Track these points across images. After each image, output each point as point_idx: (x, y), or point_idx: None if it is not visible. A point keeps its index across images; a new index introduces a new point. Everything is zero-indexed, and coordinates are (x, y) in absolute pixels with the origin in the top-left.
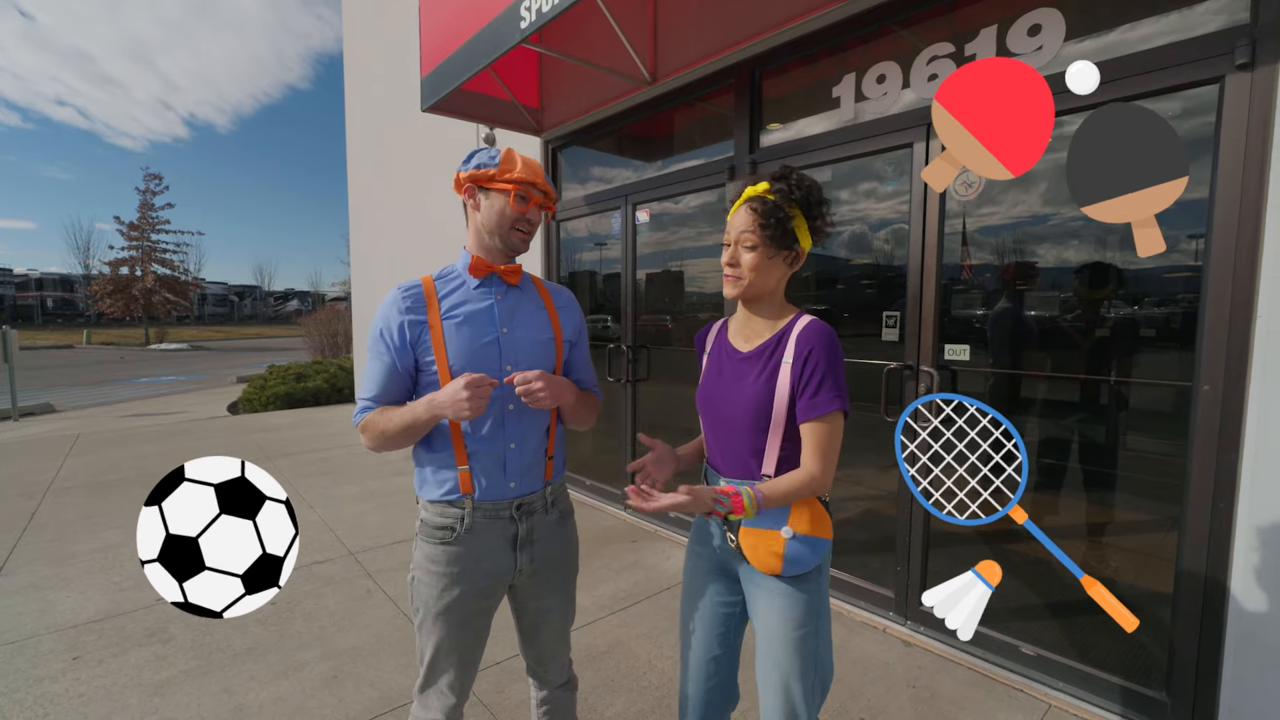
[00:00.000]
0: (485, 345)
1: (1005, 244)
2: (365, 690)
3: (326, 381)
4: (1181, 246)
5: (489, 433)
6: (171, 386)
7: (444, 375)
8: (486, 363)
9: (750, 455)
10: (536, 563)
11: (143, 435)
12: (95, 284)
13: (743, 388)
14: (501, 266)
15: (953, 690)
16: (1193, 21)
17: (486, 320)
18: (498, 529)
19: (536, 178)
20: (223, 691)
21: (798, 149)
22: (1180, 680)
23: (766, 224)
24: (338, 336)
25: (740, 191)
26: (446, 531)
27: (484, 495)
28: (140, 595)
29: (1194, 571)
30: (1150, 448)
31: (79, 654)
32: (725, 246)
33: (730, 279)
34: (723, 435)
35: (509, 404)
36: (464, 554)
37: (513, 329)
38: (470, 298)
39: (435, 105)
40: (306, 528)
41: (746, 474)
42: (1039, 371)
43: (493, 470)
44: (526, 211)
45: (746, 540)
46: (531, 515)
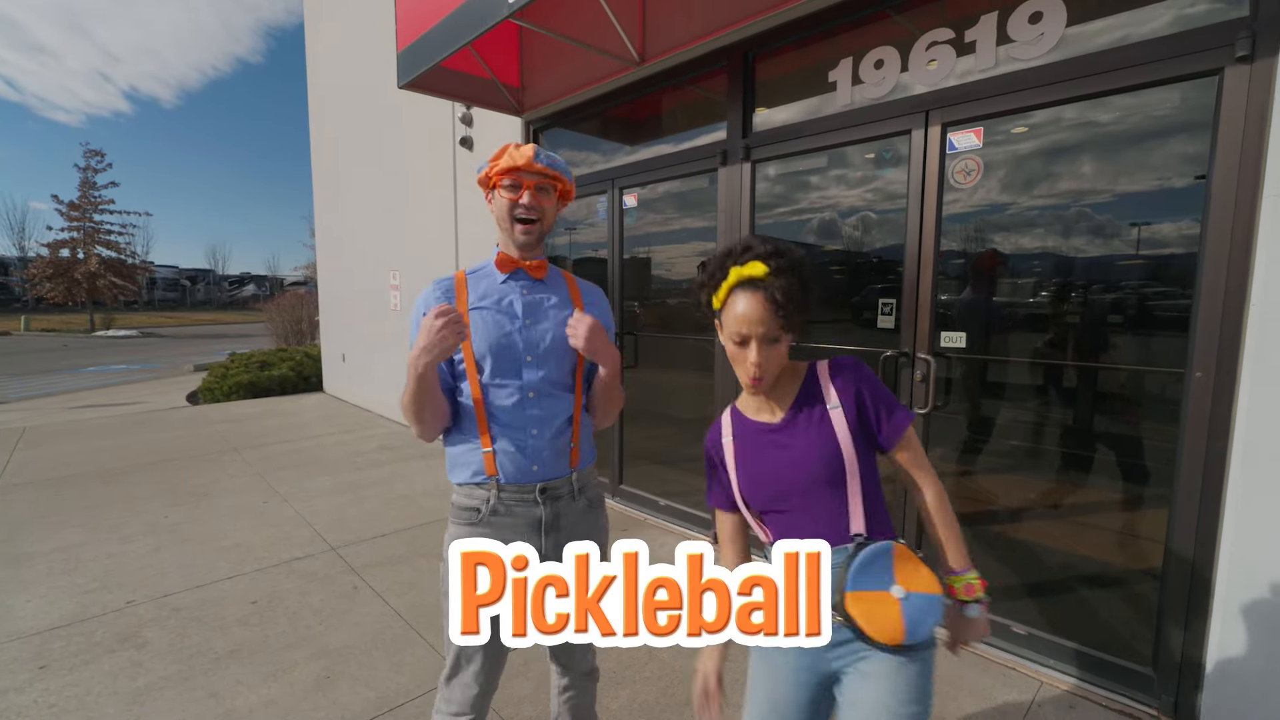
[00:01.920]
0: (506, 335)
1: (1011, 231)
2: (361, 691)
3: (292, 369)
4: (1181, 234)
5: (511, 417)
6: (123, 375)
7: (470, 363)
8: (507, 353)
9: (835, 517)
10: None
11: (96, 428)
12: (33, 267)
13: (802, 451)
14: (527, 262)
15: (948, 671)
16: (1193, 13)
17: (509, 312)
18: (522, 512)
19: (522, 161)
20: (208, 697)
21: (792, 134)
22: (1166, 656)
23: (785, 311)
24: (302, 323)
25: (723, 271)
26: (472, 513)
27: (509, 478)
28: (109, 597)
29: (1182, 552)
30: (1141, 432)
31: (46, 662)
32: (739, 344)
33: (757, 382)
34: (793, 511)
35: (529, 391)
36: (490, 533)
37: (535, 322)
38: (496, 291)
39: (412, 82)
40: (283, 522)
41: (837, 539)
42: (1033, 359)
43: (515, 453)
44: (519, 199)
45: (857, 609)
46: (557, 500)
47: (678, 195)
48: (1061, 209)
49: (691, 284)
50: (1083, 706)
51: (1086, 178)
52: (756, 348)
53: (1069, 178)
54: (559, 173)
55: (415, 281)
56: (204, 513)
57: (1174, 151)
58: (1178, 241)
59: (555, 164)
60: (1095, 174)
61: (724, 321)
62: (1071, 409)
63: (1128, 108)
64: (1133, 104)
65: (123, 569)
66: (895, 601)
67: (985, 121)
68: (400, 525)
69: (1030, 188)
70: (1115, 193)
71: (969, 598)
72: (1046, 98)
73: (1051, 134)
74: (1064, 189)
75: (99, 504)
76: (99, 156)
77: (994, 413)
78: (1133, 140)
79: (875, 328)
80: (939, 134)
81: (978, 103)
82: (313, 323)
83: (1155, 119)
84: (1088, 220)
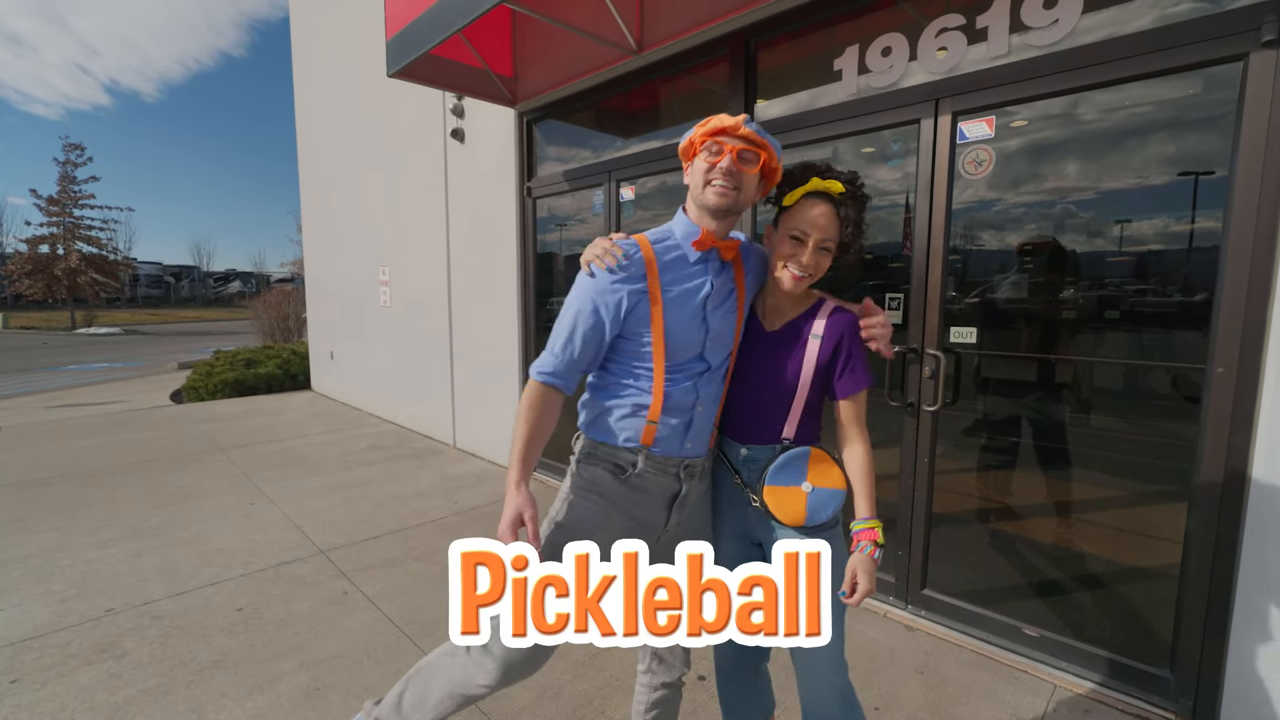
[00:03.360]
0: (695, 326)
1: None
2: (351, 703)
3: (279, 367)
4: (1196, 229)
5: (684, 396)
6: (105, 374)
7: (658, 353)
8: (695, 340)
9: (776, 421)
10: (682, 527)
11: (78, 427)
12: (11, 263)
13: (771, 361)
14: (722, 242)
15: (959, 674)
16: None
17: (699, 301)
18: (664, 483)
19: (730, 124)
20: (191, 712)
21: (796, 124)
22: (1185, 658)
23: (846, 228)
24: (289, 320)
25: (806, 176)
26: (619, 470)
27: (662, 451)
28: (86, 606)
29: (1202, 550)
30: (1159, 429)
31: (17, 676)
32: (798, 240)
33: (799, 279)
34: (749, 404)
35: (704, 374)
36: (627, 493)
37: (717, 307)
38: (689, 273)
39: (402, 71)
40: (269, 525)
41: (769, 438)
42: (1047, 354)
43: (677, 429)
44: (719, 162)
45: (771, 499)
46: (693, 478)
47: (675, 189)
48: (1072, 202)
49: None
50: (1098, 710)
51: (1104, 170)
52: (812, 250)
53: (1084, 170)
54: (767, 141)
55: (405, 277)
56: (188, 515)
57: (1192, 142)
58: (1198, 236)
59: (765, 135)
60: (1112, 167)
61: (787, 219)
62: (1087, 406)
63: (1146, 96)
64: (1148, 93)
65: (101, 575)
66: (803, 494)
67: (997, 110)
68: (392, 527)
69: (1041, 180)
70: (1132, 186)
71: (870, 540)
72: (1061, 85)
73: (1062, 126)
74: (1077, 182)
75: (78, 506)
76: (79, 150)
77: (1005, 409)
78: (1149, 131)
79: None
80: (949, 123)
81: (989, 91)
82: (300, 319)
83: (1176, 106)
84: (1101, 214)
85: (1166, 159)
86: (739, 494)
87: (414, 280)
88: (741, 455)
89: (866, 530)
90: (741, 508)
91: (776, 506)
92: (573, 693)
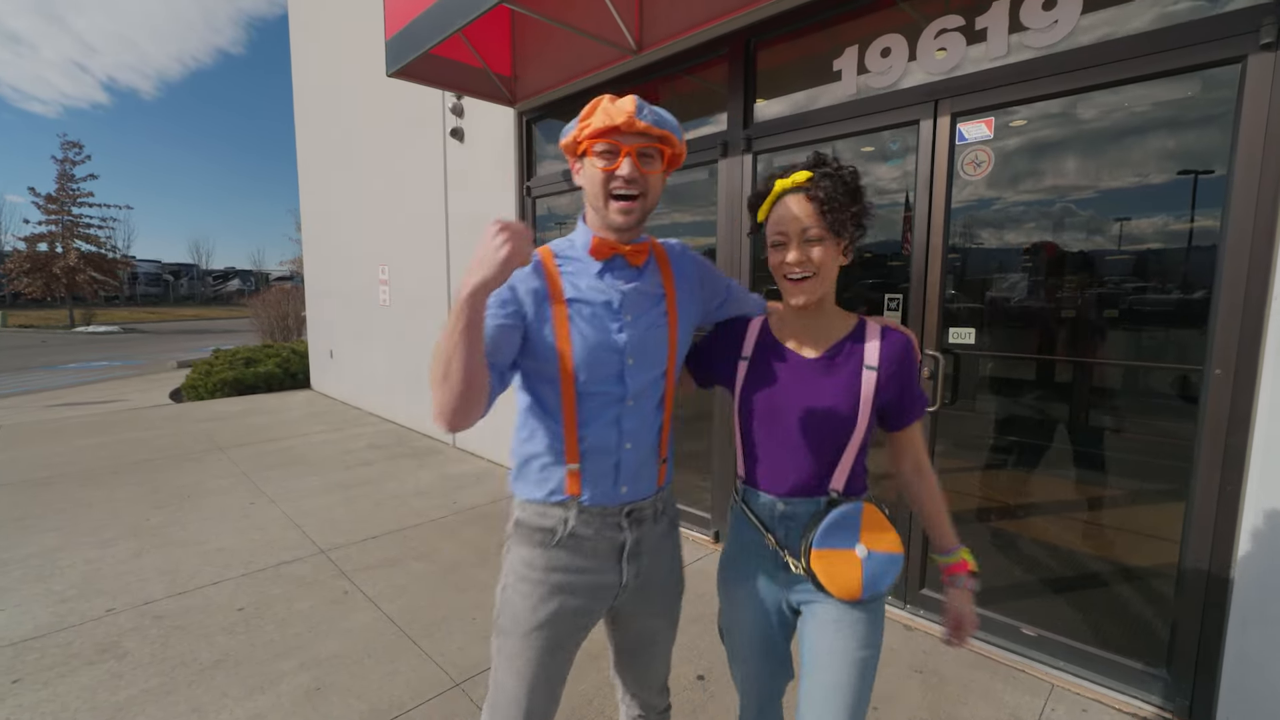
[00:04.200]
0: (607, 343)
1: (1016, 225)
2: (352, 703)
3: (279, 366)
4: (1195, 228)
5: (605, 430)
6: (104, 372)
7: (565, 367)
8: (607, 363)
9: (824, 469)
10: (642, 578)
11: (78, 426)
12: (10, 261)
13: (816, 396)
14: (626, 247)
15: (957, 673)
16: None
17: (609, 314)
18: (605, 537)
19: (621, 120)
20: (191, 711)
21: (795, 124)
22: (1181, 657)
23: (829, 209)
24: (288, 318)
25: (768, 186)
26: (548, 534)
27: (592, 500)
28: (87, 606)
29: (1199, 550)
30: (1156, 428)
31: (19, 676)
32: (778, 246)
33: (800, 282)
34: (780, 449)
35: (629, 399)
36: (567, 561)
37: (636, 317)
38: (593, 286)
39: (401, 70)
40: (269, 524)
41: (812, 490)
42: (1045, 355)
43: (605, 472)
44: (616, 168)
45: (820, 566)
46: (641, 524)
47: (671, 189)
48: (1070, 202)
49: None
50: (1095, 709)
51: (1103, 170)
52: (796, 245)
53: (1082, 169)
54: (668, 132)
55: (404, 277)
56: (188, 515)
57: (1191, 141)
58: (1197, 236)
59: (663, 121)
60: (1111, 166)
61: (767, 233)
62: (1085, 406)
63: (1144, 96)
64: (1146, 93)
65: (102, 575)
66: (858, 561)
67: (996, 112)
68: (392, 526)
69: (1040, 180)
70: (1131, 186)
71: (963, 571)
72: (1060, 86)
73: (1061, 125)
74: (1075, 182)
75: (78, 506)
76: (77, 148)
77: (1004, 409)
78: (1148, 130)
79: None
80: (948, 124)
81: (988, 92)
82: (299, 318)
83: (1175, 105)
84: (1099, 214)
85: (1166, 158)
86: (771, 556)
87: (413, 279)
88: (779, 511)
89: (956, 564)
90: (773, 571)
91: (827, 576)
92: (572, 692)
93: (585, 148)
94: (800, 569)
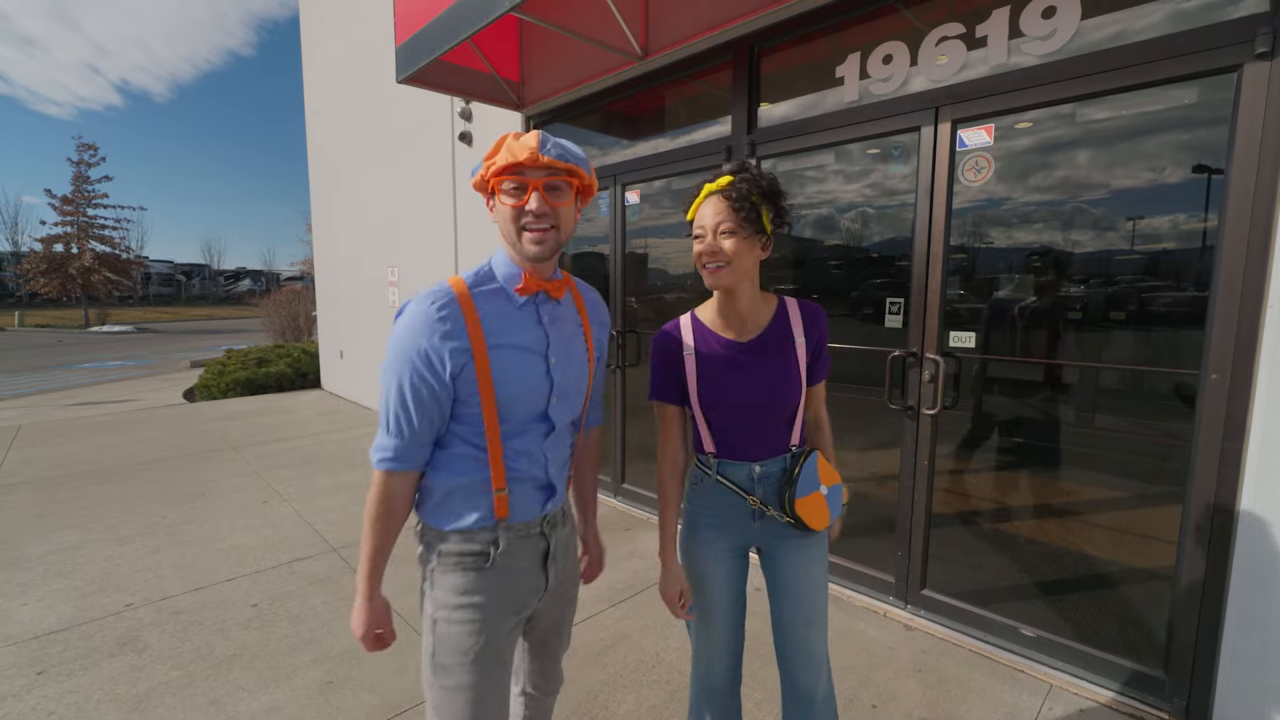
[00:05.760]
0: (536, 380)
1: (1012, 228)
2: (364, 696)
3: (290, 366)
4: (1193, 233)
5: (530, 459)
6: (119, 372)
7: (490, 417)
8: (534, 401)
9: (785, 431)
10: (559, 577)
11: (93, 425)
12: (26, 262)
13: (767, 374)
14: (548, 283)
15: (957, 672)
16: (1211, 9)
17: (537, 349)
18: (529, 547)
19: (524, 156)
20: (210, 704)
21: (798, 130)
22: (1178, 659)
23: (740, 208)
24: (299, 318)
25: (697, 190)
26: (479, 558)
27: (519, 516)
28: (107, 600)
29: (1196, 553)
30: (1153, 432)
31: (44, 668)
32: (698, 239)
33: (715, 270)
34: (747, 423)
35: (551, 431)
36: (499, 580)
37: (561, 357)
38: (516, 321)
39: (411, 77)
40: (282, 522)
41: (780, 450)
42: (1045, 359)
43: (530, 493)
44: (525, 204)
45: (804, 512)
46: (555, 527)
47: (679, 191)
48: (1060, 205)
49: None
50: (1093, 710)
51: (1102, 174)
52: (711, 237)
53: (1081, 174)
54: (574, 165)
55: (413, 278)
56: (202, 513)
57: (1189, 146)
58: (1196, 241)
59: (568, 154)
60: (1111, 170)
61: (692, 232)
62: (1082, 408)
63: (1143, 100)
64: (1145, 98)
65: (121, 571)
66: (823, 498)
67: (996, 118)
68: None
69: (1044, 185)
70: (1130, 188)
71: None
72: (1059, 94)
73: (1060, 127)
74: (1075, 188)
75: (96, 504)
76: (92, 150)
77: (1003, 411)
78: (1146, 135)
79: (883, 326)
80: (949, 131)
81: (989, 99)
82: (310, 318)
83: (1173, 110)
84: (1101, 218)
85: (1165, 161)
86: (744, 511)
87: (422, 281)
88: (756, 473)
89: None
90: (744, 523)
91: (808, 517)
92: (576, 688)
93: (494, 185)
94: (785, 518)
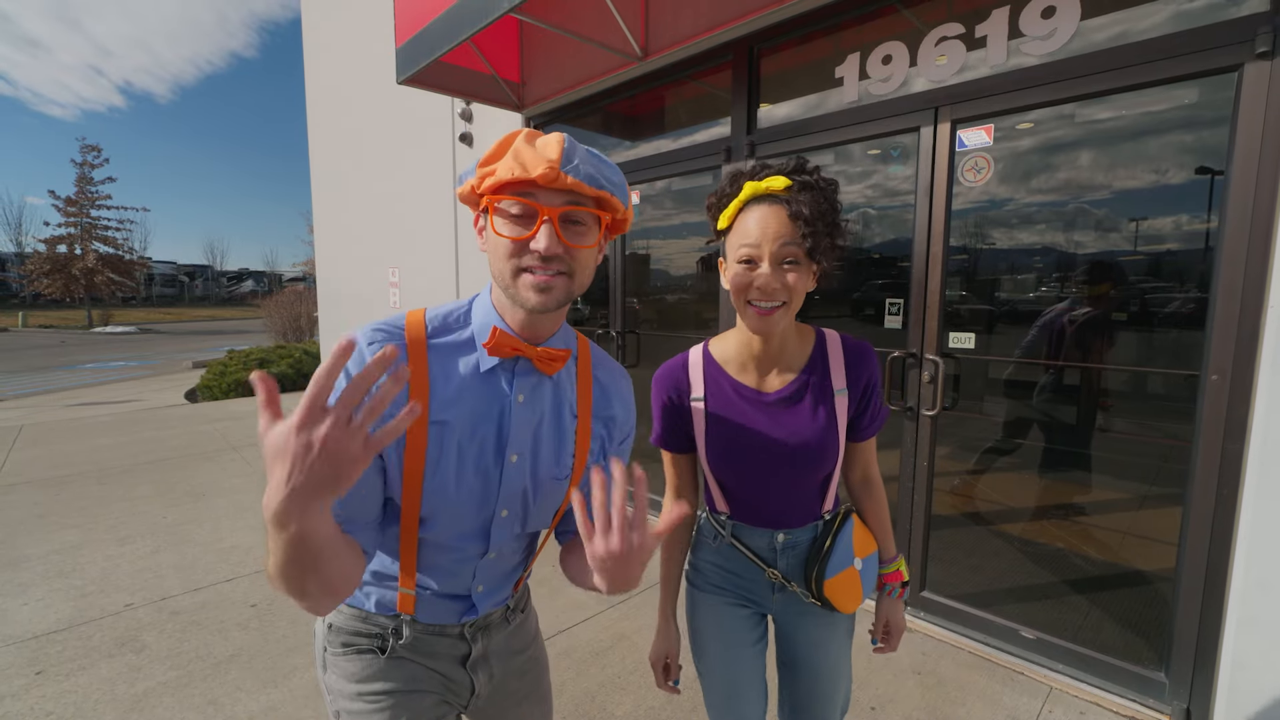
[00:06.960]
0: (475, 492)
1: (1013, 229)
2: None
3: (291, 367)
4: (1193, 233)
5: (448, 579)
6: (121, 372)
7: (410, 506)
8: (468, 518)
9: (815, 497)
10: (498, 679)
11: (95, 425)
12: (30, 263)
13: (795, 433)
14: (536, 350)
15: (956, 674)
16: (1212, 8)
17: (493, 437)
18: (443, 646)
19: (538, 171)
20: (208, 704)
21: (798, 130)
22: (1179, 661)
23: (814, 229)
24: (301, 319)
25: (735, 187)
26: (373, 639)
27: (429, 619)
28: (106, 600)
29: (1196, 555)
30: (1154, 433)
31: (42, 668)
32: (747, 265)
33: (768, 313)
34: (768, 490)
35: (492, 552)
36: (402, 668)
37: (522, 460)
38: (477, 388)
39: (412, 78)
40: None
41: (810, 517)
42: (1043, 360)
43: (445, 602)
44: (531, 237)
45: (833, 592)
46: (488, 631)
47: (679, 191)
48: (1061, 205)
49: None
50: (1093, 712)
51: (1100, 174)
52: (770, 267)
53: (1080, 175)
54: (606, 193)
55: (414, 279)
56: (203, 513)
57: (1189, 145)
58: (1196, 241)
59: (601, 177)
60: (1110, 170)
61: (730, 245)
62: (1083, 409)
63: (1143, 101)
64: (1145, 98)
65: (120, 571)
66: (857, 574)
67: (996, 119)
68: None
69: (1043, 185)
70: (1130, 189)
71: (898, 581)
72: (1059, 94)
73: (1060, 128)
74: (1077, 185)
75: (96, 504)
76: (95, 152)
77: (1002, 412)
78: (1147, 134)
79: (883, 327)
80: (948, 131)
81: (988, 99)
82: (311, 319)
83: (1174, 109)
84: (1103, 218)
85: (1165, 162)
86: (762, 581)
87: (424, 282)
88: (779, 542)
89: (894, 573)
90: (761, 592)
91: (838, 600)
92: (575, 690)
93: (489, 203)
94: (810, 598)
